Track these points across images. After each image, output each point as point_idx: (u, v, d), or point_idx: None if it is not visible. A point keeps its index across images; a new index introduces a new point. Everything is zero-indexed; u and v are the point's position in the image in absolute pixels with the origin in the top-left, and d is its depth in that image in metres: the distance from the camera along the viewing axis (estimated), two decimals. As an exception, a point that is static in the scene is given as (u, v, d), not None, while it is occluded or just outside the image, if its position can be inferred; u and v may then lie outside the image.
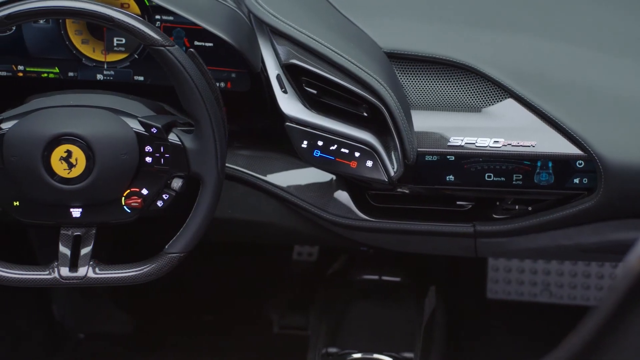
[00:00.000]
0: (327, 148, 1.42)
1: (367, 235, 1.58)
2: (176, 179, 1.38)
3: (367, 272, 1.97)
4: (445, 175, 1.45)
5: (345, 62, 1.40)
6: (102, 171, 1.35)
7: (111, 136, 1.35)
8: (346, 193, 1.54)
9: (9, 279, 1.36)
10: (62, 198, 1.36)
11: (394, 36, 1.47)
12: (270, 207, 1.59)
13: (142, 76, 1.55)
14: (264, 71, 1.46)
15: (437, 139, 1.43)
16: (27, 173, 1.34)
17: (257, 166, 1.56)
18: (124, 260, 1.40)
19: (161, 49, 1.30)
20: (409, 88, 1.45)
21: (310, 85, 1.42)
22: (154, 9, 1.51)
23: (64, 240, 1.38)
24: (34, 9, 1.27)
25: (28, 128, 1.34)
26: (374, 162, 1.42)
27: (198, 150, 1.34)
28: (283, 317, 2.22)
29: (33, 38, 1.53)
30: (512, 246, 1.56)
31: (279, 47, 1.44)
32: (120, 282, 1.37)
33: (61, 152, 1.34)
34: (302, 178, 1.55)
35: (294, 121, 1.43)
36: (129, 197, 1.38)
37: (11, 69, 1.54)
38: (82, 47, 1.53)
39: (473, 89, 1.45)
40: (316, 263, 2.27)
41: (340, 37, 1.45)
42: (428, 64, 1.45)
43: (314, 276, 2.22)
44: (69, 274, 1.37)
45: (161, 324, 2.23)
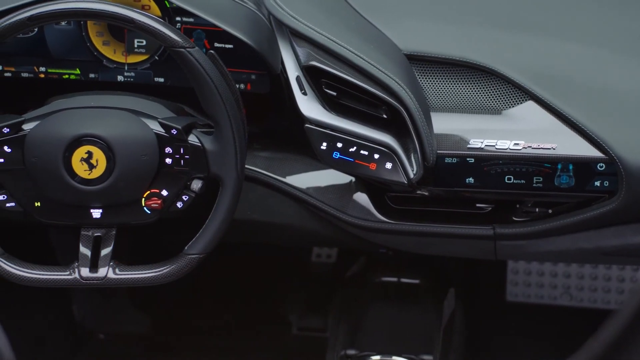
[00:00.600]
0: (347, 150, 1.42)
1: (386, 237, 1.58)
2: (196, 180, 1.38)
3: (386, 274, 1.97)
4: (464, 177, 1.44)
5: (365, 64, 1.40)
6: (123, 172, 1.35)
7: (131, 137, 1.35)
8: (365, 195, 1.54)
9: (30, 279, 1.37)
10: (82, 199, 1.37)
11: (414, 38, 1.47)
12: (289, 208, 1.59)
13: (163, 77, 1.56)
14: (284, 73, 1.46)
15: (457, 141, 1.42)
16: (48, 174, 1.35)
17: (277, 168, 1.56)
18: (143, 261, 1.41)
19: (181, 50, 1.30)
20: (428, 90, 1.45)
21: (330, 87, 1.43)
22: (175, 10, 1.51)
23: (85, 241, 1.39)
24: (56, 11, 1.28)
25: (49, 129, 1.35)
26: (393, 164, 1.41)
27: (218, 152, 1.35)
28: (301, 318, 2.22)
29: (55, 39, 1.54)
30: (532, 249, 1.55)
31: (299, 49, 1.44)
32: (140, 283, 1.38)
33: (82, 153, 1.34)
34: (321, 180, 1.55)
35: (313, 123, 1.43)
36: (149, 198, 1.39)
37: (33, 70, 1.55)
38: (103, 48, 1.54)
39: (493, 91, 1.44)
40: (335, 265, 2.27)
41: (360, 39, 1.45)
42: (448, 66, 1.45)
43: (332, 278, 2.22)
44: (89, 275, 1.37)
45: (180, 324, 2.24)
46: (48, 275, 1.37)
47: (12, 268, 1.37)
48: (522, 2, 1.55)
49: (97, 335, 2.20)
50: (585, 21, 1.51)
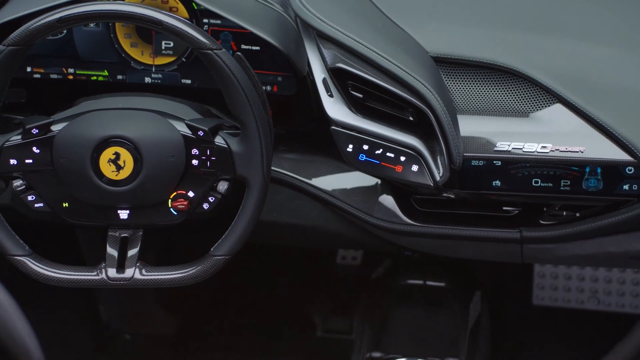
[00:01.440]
0: (373, 152, 1.42)
1: (412, 240, 1.57)
2: (222, 181, 1.38)
3: (411, 276, 1.96)
4: (491, 180, 1.44)
5: (391, 66, 1.40)
6: (150, 173, 1.36)
7: (158, 139, 1.36)
8: (391, 197, 1.53)
9: (58, 279, 1.38)
10: (110, 200, 1.37)
11: (441, 40, 1.47)
12: (315, 210, 1.59)
13: (190, 79, 1.56)
14: (310, 75, 1.46)
15: (484, 144, 1.42)
16: (76, 175, 1.36)
17: (302, 170, 1.56)
18: (169, 262, 1.41)
19: (209, 52, 1.30)
20: (455, 92, 1.45)
21: (357, 89, 1.42)
22: (202, 12, 1.52)
23: (112, 241, 1.40)
24: (85, 13, 1.29)
25: (77, 130, 1.36)
26: (419, 167, 1.41)
27: (244, 154, 1.35)
28: (327, 320, 2.22)
29: (83, 41, 1.55)
30: (559, 252, 1.54)
31: (326, 51, 1.44)
32: (166, 284, 1.38)
33: (109, 154, 1.35)
34: (347, 182, 1.55)
35: (339, 125, 1.43)
36: (176, 200, 1.39)
37: (62, 72, 1.57)
38: (131, 50, 1.55)
39: (521, 93, 1.44)
40: (360, 267, 2.27)
41: (387, 41, 1.44)
42: (475, 68, 1.45)
43: (358, 280, 2.22)
44: (116, 275, 1.38)
45: (205, 325, 2.25)
46: (75, 275, 1.38)
47: (40, 268, 1.38)
48: (550, 4, 1.54)
49: (123, 336, 2.21)
50: (613, 23, 1.50)
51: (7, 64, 1.30)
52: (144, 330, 2.23)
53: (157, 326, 2.25)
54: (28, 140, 1.35)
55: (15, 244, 1.37)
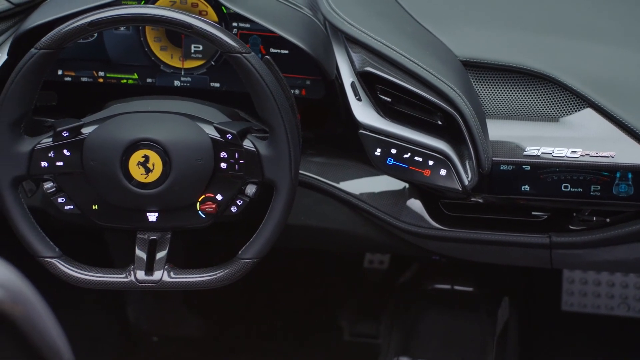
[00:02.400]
0: (401, 156, 1.42)
1: (440, 244, 1.57)
2: (250, 185, 1.39)
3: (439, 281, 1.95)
4: (520, 185, 1.43)
5: (420, 70, 1.40)
6: (178, 176, 1.36)
7: (187, 142, 1.36)
8: (419, 201, 1.53)
9: (87, 281, 1.39)
10: (139, 202, 1.38)
11: (470, 44, 1.46)
12: (343, 214, 1.59)
13: (218, 83, 1.57)
14: (339, 79, 1.46)
15: (513, 149, 1.41)
16: (106, 177, 1.36)
17: (330, 173, 1.56)
18: (197, 265, 1.42)
19: (238, 56, 1.31)
20: (484, 97, 1.44)
21: (385, 93, 1.42)
22: (231, 16, 1.53)
23: (140, 244, 1.40)
24: (115, 17, 1.30)
25: (107, 133, 1.36)
26: (447, 171, 1.40)
27: (272, 157, 1.35)
28: (354, 324, 2.22)
29: (114, 45, 1.56)
30: (588, 258, 1.53)
31: (354, 55, 1.44)
32: (194, 287, 1.39)
33: (139, 157, 1.36)
34: (374, 186, 1.55)
35: (367, 129, 1.43)
36: (204, 203, 1.40)
37: (92, 75, 1.58)
38: (160, 53, 1.56)
39: (550, 98, 1.43)
40: (387, 271, 2.27)
41: (416, 45, 1.44)
42: (504, 72, 1.44)
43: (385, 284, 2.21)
44: (144, 278, 1.38)
45: (232, 328, 2.25)
46: (105, 277, 1.39)
47: (70, 270, 1.39)
48: (580, 8, 1.53)
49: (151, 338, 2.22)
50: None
51: (39, 67, 1.31)
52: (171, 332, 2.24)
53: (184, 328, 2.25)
54: (59, 142, 1.36)
55: (45, 245, 1.38)
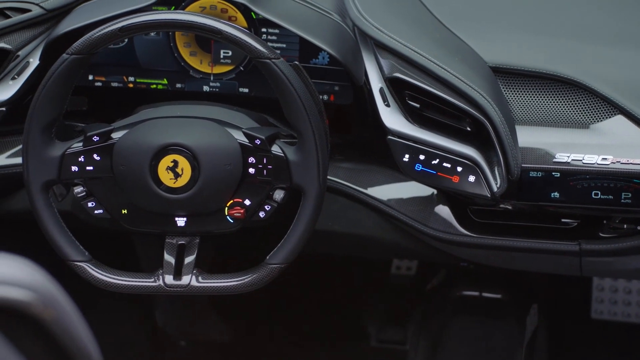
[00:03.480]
0: (429, 162, 1.41)
1: (469, 251, 1.56)
2: (278, 190, 1.39)
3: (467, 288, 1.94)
4: (550, 192, 1.42)
5: (449, 76, 1.39)
6: (207, 181, 1.37)
7: (216, 147, 1.37)
8: (447, 208, 1.52)
9: (116, 285, 1.40)
10: (167, 207, 1.38)
11: (500, 50, 1.46)
12: (371, 220, 1.59)
13: (247, 88, 1.57)
14: (367, 84, 1.46)
15: (542, 155, 1.40)
16: (135, 182, 1.37)
17: (358, 179, 1.56)
18: (225, 270, 1.42)
19: (267, 61, 1.31)
20: (514, 103, 1.43)
21: (413, 99, 1.42)
22: (261, 22, 1.53)
23: (169, 248, 1.41)
24: (146, 22, 1.31)
25: (137, 138, 1.37)
26: (476, 177, 1.40)
27: (300, 162, 1.35)
28: (381, 330, 2.21)
29: (144, 50, 1.57)
30: (619, 266, 1.51)
31: (383, 61, 1.44)
32: (222, 292, 1.39)
33: (168, 161, 1.36)
34: (403, 192, 1.55)
35: (396, 135, 1.42)
36: (232, 208, 1.40)
37: (122, 80, 1.59)
38: (190, 59, 1.57)
39: (581, 104, 1.42)
40: (415, 277, 2.26)
41: (445, 51, 1.44)
42: (534, 78, 1.43)
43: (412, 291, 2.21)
44: (173, 282, 1.39)
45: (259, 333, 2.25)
46: (133, 281, 1.40)
47: (99, 274, 1.39)
48: (610, 14, 1.52)
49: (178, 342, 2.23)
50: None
51: (70, 73, 1.32)
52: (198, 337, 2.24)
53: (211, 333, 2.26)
54: (89, 147, 1.36)
55: (75, 249, 1.39)
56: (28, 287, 0.64)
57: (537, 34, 1.50)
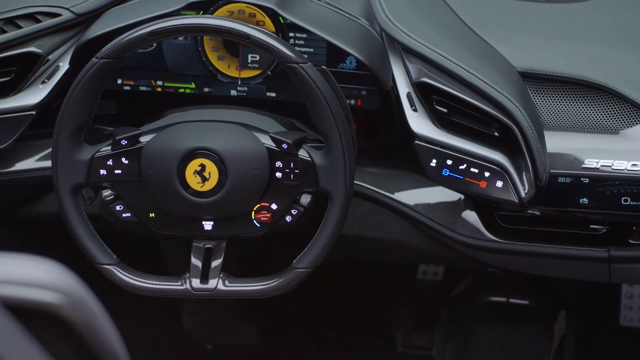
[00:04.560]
0: (456, 167, 1.41)
1: (496, 257, 1.55)
2: (305, 194, 1.39)
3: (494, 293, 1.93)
4: (578, 197, 1.41)
5: (477, 81, 1.39)
6: (234, 185, 1.37)
7: (243, 151, 1.37)
8: (474, 213, 1.52)
9: (144, 288, 1.40)
10: (195, 211, 1.39)
11: (528, 55, 1.45)
12: (397, 225, 1.59)
13: (275, 92, 1.58)
14: (395, 89, 1.46)
15: (571, 161, 1.39)
16: (163, 185, 1.38)
17: (385, 184, 1.56)
18: (251, 274, 1.42)
19: (294, 65, 1.31)
20: (542, 108, 1.43)
21: (441, 104, 1.41)
22: (288, 26, 1.53)
23: (196, 252, 1.41)
24: (175, 26, 1.31)
25: (165, 142, 1.38)
26: (504, 183, 1.39)
27: (327, 167, 1.35)
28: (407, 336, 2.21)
29: (172, 54, 1.58)
30: (648, 273, 1.50)
31: (410, 65, 1.43)
32: (248, 295, 1.39)
33: (195, 165, 1.37)
34: (429, 197, 1.54)
35: (423, 139, 1.42)
36: (259, 212, 1.40)
37: (151, 84, 1.60)
38: (217, 63, 1.57)
39: (610, 110, 1.41)
40: (441, 283, 2.25)
41: (473, 55, 1.43)
42: (563, 84, 1.42)
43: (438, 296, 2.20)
44: (200, 286, 1.39)
45: (285, 337, 2.26)
46: (161, 285, 1.40)
47: (127, 277, 1.40)
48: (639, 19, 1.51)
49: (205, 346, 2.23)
50: None
51: (100, 77, 1.33)
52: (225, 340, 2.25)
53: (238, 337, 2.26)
54: (117, 151, 1.37)
55: (103, 252, 1.40)
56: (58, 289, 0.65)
57: (565, 39, 1.49)
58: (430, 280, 2.26)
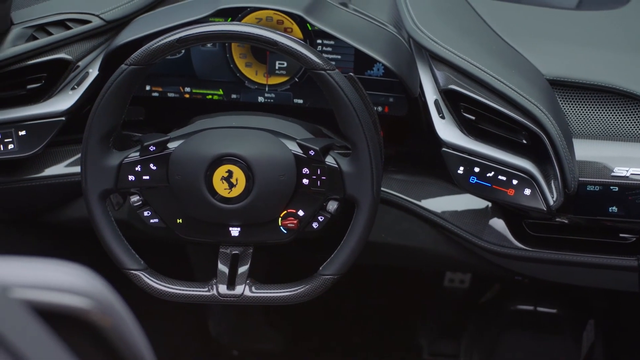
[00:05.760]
0: (484, 175, 1.40)
1: (524, 265, 1.54)
2: (332, 201, 1.39)
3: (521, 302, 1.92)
4: (607, 206, 1.39)
5: (505, 88, 1.38)
6: (261, 192, 1.37)
7: (270, 157, 1.37)
8: (502, 221, 1.51)
9: (171, 294, 1.41)
10: (222, 217, 1.39)
11: (557, 63, 1.44)
12: (424, 232, 1.58)
13: (302, 99, 1.58)
14: (422, 96, 1.45)
15: (600, 169, 1.38)
16: (190, 191, 1.38)
17: (412, 191, 1.55)
18: (277, 280, 1.42)
19: (322, 72, 1.31)
20: (571, 116, 1.42)
21: (469, 111, 1.41)
22: (316, 33, 1.54)
23: (223, 258, 1.42)
24: (203, 33, 1.32)
25: (192, 148, 1.38)
26: (532, 191, 1.38)
27: (354, 174, 1.35)
28: (433, 343, 2.20)
29: (200, 61, 1.59)
30: (679, 282, 1.49)
31: (438, 73, 1.43)
32: (274, 302, 1.39)
33: (223, 172, 1.37)
34: (457, 204, 1.54)
35: (450, 147, 1.41)
36: (286, 218, 1.40)
37: (179, 91, 1.60)
38: (245, 70, 1.58)
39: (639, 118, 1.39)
40: (468, 290, 2.24)
41: (501, 63, 1.42)
42: (592, 91, 1.41)
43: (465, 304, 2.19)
44: (226, 292, 1.39)
45: (312, 343, 2.25)
46: (188, 291, 1.40)
47: (154, 283, 1.40)
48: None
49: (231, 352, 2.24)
50: None
51: (128, 83, 1.33)
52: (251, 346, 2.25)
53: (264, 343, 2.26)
54: (146, 157, 1.38)
55: (131, 258, 1.40)
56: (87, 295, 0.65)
57: (595, 46, 1.48)
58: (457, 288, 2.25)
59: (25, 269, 0.65)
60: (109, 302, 0.66)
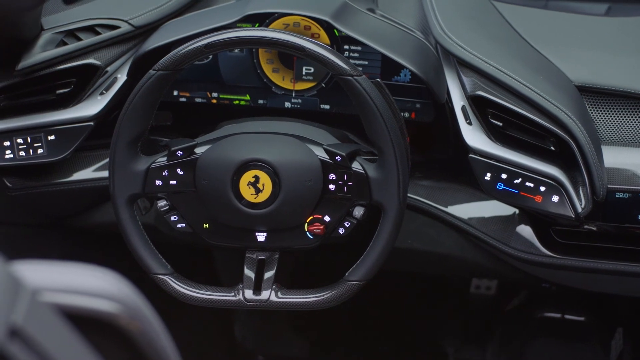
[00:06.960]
0: (511, 181, 1.39)
1: (551, 272, 1.53)
2: (358, 207, 1.38)
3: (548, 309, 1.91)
4: (636, 213, 1.38)
5: (533, 94, 1.37)
6: (287, 197, 1.37)
7: (297, 163, 1.37)
8: (529, 227, 1.50)
9: (197, 299, 1.41)
10: (248, 222, 1.39)
11: (586, 69, 1.43)
12: (451, 238, 1.57)
13: (328, 105, 1.58)
14: (449, 102, 1.45)
15: (630, 176, 1.37)
16: (217, 196, 1.38)
17: (438, 197, 1.55)
18: (303, 286, 1.42)
19: (349, 78, 1.31)
20: (600, 123, 1.41)
21: (496, 117, 1.40)
22: (343, 39, 1.54)
23: (249, 263, 1.42)
24: (231, 39, 1.32)
25: (219, 153, 1.39)
26: (560, 197, 1.37)
27: (381, 180, 1.35)
28: (459, 350, 2.19)
29: (227, 66, 1.59)
30: None
31: (465, 79, 1.43)
32: (300, 307, 1.39)
33: (249, 177, 1.37)
34: (483, 210, 1.53)
35: (477, 153, 1.41)
36: (312, 224, 1.40)
37: (206, 96, 1.61)
38: (272, 75, 1.58)
39: (670, 124, 1.38)
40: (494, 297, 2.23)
41: (529, 69, 1.42)
42: (621, 98, 1.40)
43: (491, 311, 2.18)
44: (252, 297, 1.40)
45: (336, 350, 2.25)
46: (214, 295, 1.41)
47: (181, 287, 1.41)
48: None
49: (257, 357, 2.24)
50: None
51: (157, 88, 1.34)
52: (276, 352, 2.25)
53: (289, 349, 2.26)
54: (173, 162, 1.38)
55: (158, 262, 1.41)
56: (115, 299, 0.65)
57: (623, 53, 1.47)
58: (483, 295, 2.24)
59: (54, 273, 0.66)
60: (137, 307, 0.67)
